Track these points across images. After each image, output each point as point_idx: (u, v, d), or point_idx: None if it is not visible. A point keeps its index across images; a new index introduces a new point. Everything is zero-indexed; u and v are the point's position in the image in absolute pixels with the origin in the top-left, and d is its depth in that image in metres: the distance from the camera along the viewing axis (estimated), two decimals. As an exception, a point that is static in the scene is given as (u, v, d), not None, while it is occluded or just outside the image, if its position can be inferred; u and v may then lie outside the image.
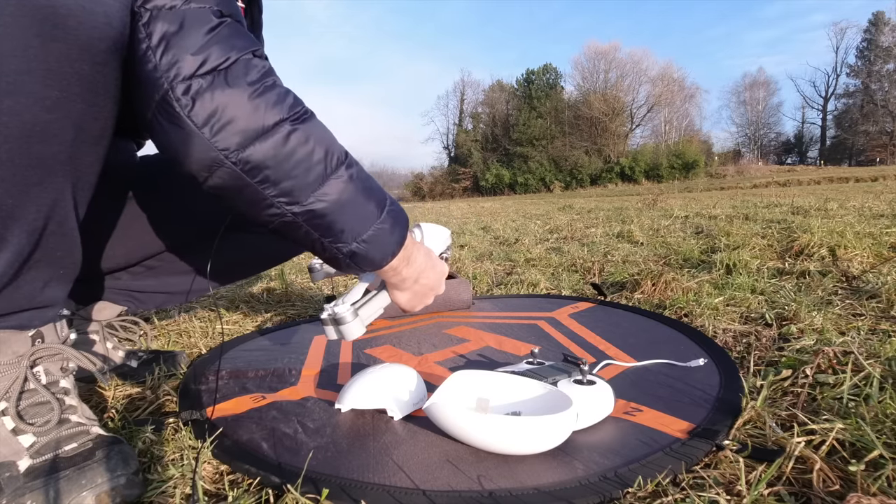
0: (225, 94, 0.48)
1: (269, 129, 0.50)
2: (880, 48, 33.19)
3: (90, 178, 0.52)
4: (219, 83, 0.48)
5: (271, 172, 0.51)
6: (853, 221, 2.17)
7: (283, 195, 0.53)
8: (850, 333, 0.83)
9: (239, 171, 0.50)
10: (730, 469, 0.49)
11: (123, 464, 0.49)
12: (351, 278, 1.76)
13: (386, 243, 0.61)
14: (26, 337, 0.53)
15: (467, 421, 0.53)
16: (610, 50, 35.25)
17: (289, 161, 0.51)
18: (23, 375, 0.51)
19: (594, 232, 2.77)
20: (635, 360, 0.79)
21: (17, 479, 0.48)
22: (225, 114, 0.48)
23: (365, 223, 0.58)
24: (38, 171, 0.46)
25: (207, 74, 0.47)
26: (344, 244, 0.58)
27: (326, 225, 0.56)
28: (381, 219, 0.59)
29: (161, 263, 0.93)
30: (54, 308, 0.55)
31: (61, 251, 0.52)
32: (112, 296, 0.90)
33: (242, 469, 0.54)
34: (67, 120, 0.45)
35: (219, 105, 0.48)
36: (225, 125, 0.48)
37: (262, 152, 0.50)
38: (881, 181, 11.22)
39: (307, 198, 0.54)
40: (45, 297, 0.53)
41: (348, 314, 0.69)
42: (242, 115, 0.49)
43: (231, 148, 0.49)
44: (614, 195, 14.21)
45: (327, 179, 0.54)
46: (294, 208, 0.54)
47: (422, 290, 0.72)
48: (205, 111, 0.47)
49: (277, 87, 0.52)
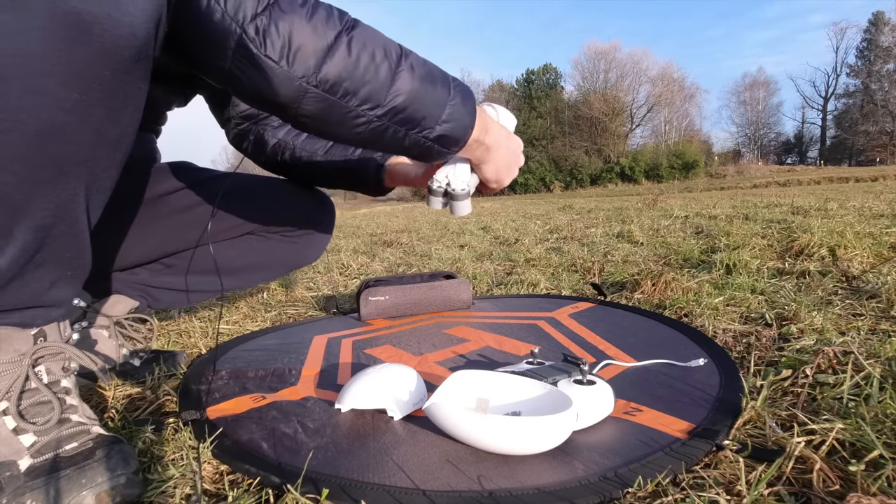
0: (287, 24, 0.50)
1: (333, 44, 0.52)
2: (880, 48, 33.18)
3: (106, 183, 0.53)
4: (278, 15, 0.50)
5: (349, 84, 0.53)
6: (853, 221, 2.17)
7: (364, 102, 0.55)
8: (850, 333, 0.83)
9: (321, 91, 0.53)
10: (730, 469, 0.49)
11: (123, 463, 0.49)
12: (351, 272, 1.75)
13: (462, 117, 0.63)
14: (28, 335, 0.52)
15: (467, 421, 0.53)
16: (610, 50, 35.25)
17: (358, 68, 0.53)
18: (24, 374, 0.51)
19: (594, 232, 2.77)
20: (635, 360, 0.79)
21: (18, 479, 0.48)
22: (293, 42, 0.50)
23: (440, 104, 0.60)
24: (51, 171, 0.46)
25: (265, 10, 0.49)
26: (429, 129, 0.61)
27: (409, 117, 0.58)
28: (451, 95, 0.61)
29: (179, 262, 0.95)
30: (59, 308, 0.55)
31: (70, 252, 0.52)
32: (128, 290, 0.92)
33: (242, 469, 0.54)
34: (85, 123, 0.46)
35: (286, 36, 0.50)
36: (297, 53, 0.50)
37: (335, 67, 0.52)
38: (881, 181, 11.21)
39: (385, 97, 0.56)
40: (51, 296, 0.53)
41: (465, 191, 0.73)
42: (308, 38, 0.51)
43: (309, 72, 0.51)
44: (614, 195, 14.21)
45: (396, 75, 0.56)
46: (377, 111, 0.56)
47: (506, 158, 0.73)
48: (277, 45, 0.49)
49: (322, 4, 0.54)
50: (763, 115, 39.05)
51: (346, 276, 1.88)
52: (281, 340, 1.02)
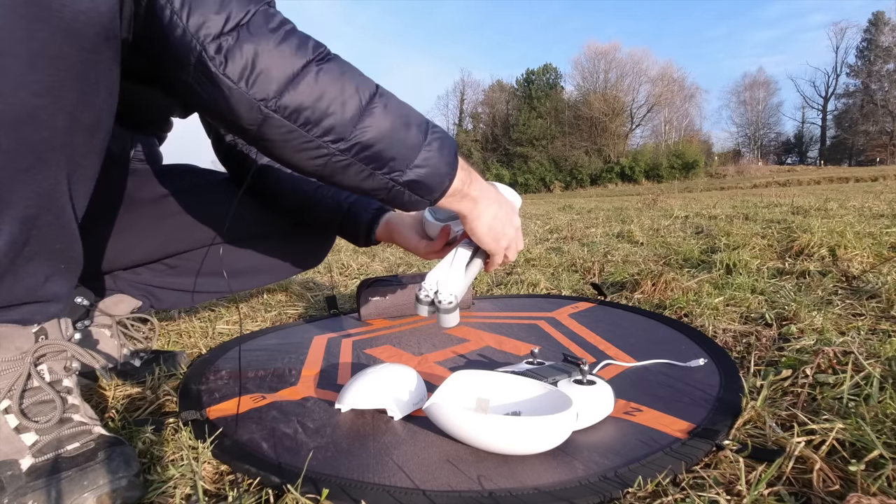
0: (253, 46, 0.49)
1: (300, 72, 0.51)
2: (880, 48, 33.19)
3: (87, 171, 0.52)
4: (245, 37, 0.49)
5: (310, 113, 0.52)
6: (853, 221, 2.17)
7: (326, 133, 0.54)
8: (850, 333, 0.83)
9: (280, 117, 0.52)
10: (730, 469, 0.49)
11: (125, 465, 0.49)
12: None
13: (438, 164, 0.61)
14: (30, 333, 0.52)
15: (467, 421, 0.53)
16: (610, 50, 35.26)
17: (324, 99, 0.52)
18: (26, 372, 0.51)
19: (594, 232, 2.77)
20: (635, 360, 0.79)
21: (20, 478, 0.48)
22: (257, 65, 0.49)
23: (414, 148, 0.59)
24: (28, 158, 0.46)
25: (233, 31, 0.49)
26: (399, 172, 0.59)
27: (376, 156, 0.57)
28: (427, 141, 0.59)
29: (183, 263, 0.95)
30: (57, 304, 0.54)
31: (60, 244, 0.52)
32: (131, 290, 0.92)
33: (242, 469, 0.54)
34: (58, 106, 0.45)
35: (249, 58, 0.49)
36: (258, 76, 0.50)
37: (299, 96, 0.51)
38: (881, 181, 11.22)
39: (350, 132, 0.54)
40: (47, 291, 0.52)
41: (452, 304, 0.70)
42: (272, 63, 0.50)
43: (269, 97, 0.50)
44: (614, 195, 14.21)
45: (366, 111, 0.55)
46: (340, 145, 0.55)
47: (498, 217, 0.70)
48: (238, 66, 0.49)
49: (298, 31, 0.53)
50: (763, 115, 39.09)
51: (346, 276, 1.88)
52: (281, 340, 1.02)
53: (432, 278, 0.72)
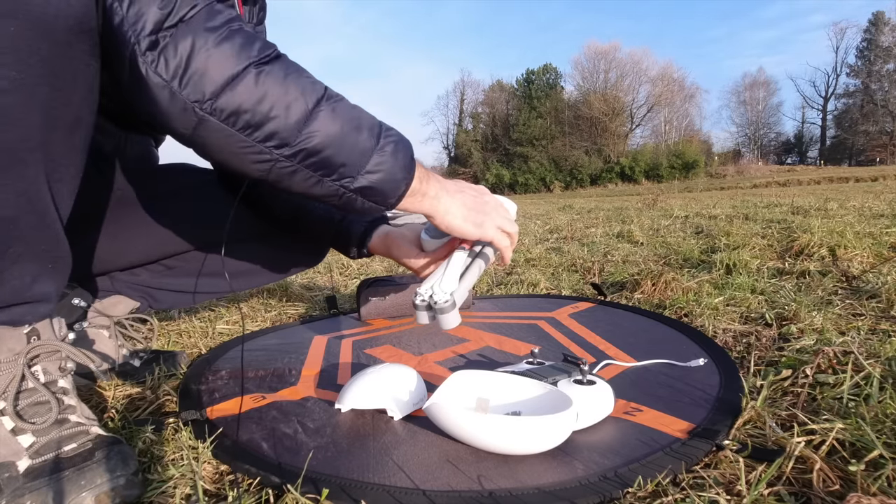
0: (188, 45, 0.46)
1: (239, 74, 0.48)
2: (880, 48, 33.19)
3: (70, 170, 0.51)
4: (182, 34, 0.47)
5: (250, 117, 0.49)
6: (853, 221, 2.17)
7: (268, 139, 0.51)
8: (850, 333, 0.83)
9: (217, 120, 0.49)
10: (730, 469, 0.49)
11: (123, 464, 0.49)
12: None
13: (392, 169, 0.58)
14: (21, 334, 0.52)
15: (467, 421, 0.53)
16: (610, 50, 35.27)
17: (265, 102, 0.50)
18: (20, 374, 0.51)
19: (594, 232, 2.77)
20: (635, 360, 0.79)
21: (17, 480, 0.48)
22: (192, 64, 0.47)
23: (365, 153, 0.56)
24: (3, 158, 0.44)
25: (171, 28, 0.46)
26: (349, 179, 0.56)
27: (323, 162, 0.54)
28: (380, 145, 0.57)
29: (181, 264, 0.94)
30: (47, 304, 0.54)
31: (45, 244, 0.51)
32: (129, 291, 0.91)
33: (242, 469, 0.54)
34: (31, 104, 0.44)
35: (183, 56, 0.46)
36: (193, 76, 0.47)
37: (236, 98, 0.48)
38: (881, 181, 11.22)
39: (295, 138, 0.52)
40: (36, 292, 0.52)
41: (448, 303, 0.68)
42: (210, 63, 0.47)
43: (204, 98, 0.48)
44: (614, 195, 14.21)
45: (311, 115, 0.52)
46: (284, 151, 0.52)
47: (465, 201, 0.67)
48: (171, 65, 0.46)
49: (242, 32, 0.50)
50: (763, 115, 39.10)
51: (346, 276, 1.87)
52: (281, 340, 1.02)
53: (427, 284, 0.71)
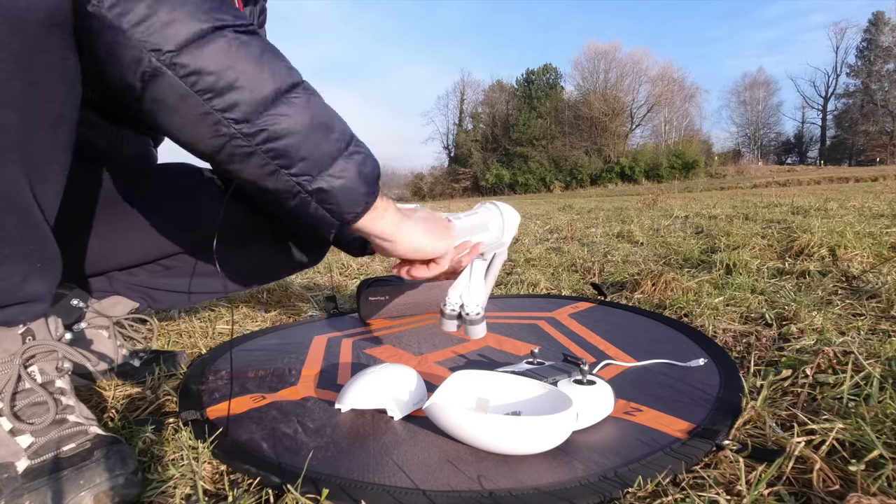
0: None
1: (212, 33, 0.46)
2: (880, 48, 33.20)
3: (54, 169, 0.50)
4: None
5: (214, 80, 0.46)
6: (853, 221, 2.17)
7: (229, 109, 0.47)
8: (850, 333, 0.83)
9: (175, 76, 0.45)
10: (730, 469, 0.49)
11: (122, 463, 0.49)
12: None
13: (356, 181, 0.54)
14: (16, 334, 0.52)
15: (467, 421, 0.53)
16: (610, 50, 35.28)
17: (234, 70, 0.46)
18: (16, 375, 0.51)
19: (594, 232, 2.77)
20: (635, 360, 0.79)
21: (16, 480, 0.48)
22: (159, 14, 0.44)
23: (330, 155, 0.52)
24: None
25: None
26: (308, 177, 0.52)
27: (284, 150, 0.50)
28: (348, 152, 0.54)
29: (179, 264, 0.94)
30: (40, 303, 0.53)
31: (32, 245, 0.50)
32: (127, 291, 0.91)
33: (242, 469, 0.54)
34: (4, 102, 0.42)
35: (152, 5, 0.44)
36: (161, 26, 0.44)
37: (203, 56, 0.45)
38: (881, 181, 11.22)
39: (259, 115, 0.48)
40: (27, 292, 0.51)
41: (479, 316, 0.70)
42: (181, 16, 0.44)
43: (164, 48, 0.44)
44: (614, 195, 14.21)
45: (283, 97, 0.49)
46: (244, 127, 0.48)
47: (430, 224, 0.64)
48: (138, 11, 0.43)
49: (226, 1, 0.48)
50: (763, 115, 39.11)
51: (346, 276, 1.87)
52: (281, 340, 1.02)
53: (455, 292, 0.72)
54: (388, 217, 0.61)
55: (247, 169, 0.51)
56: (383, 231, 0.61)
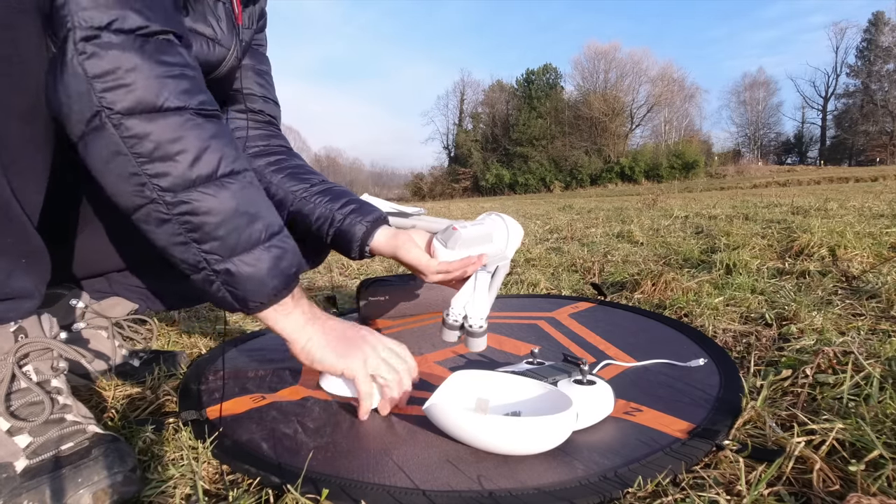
0: (134, 60, 0.45)
1: (168, 110, 0.47)
2: (880, 48, 33.21)
3: (30, 161, 0.49)
4: (132, 48, 0.45)
5: (153, 147, 0.47)
6: (853, 221, 2.17)
7: (158, 176, 0.48)
8: (850, 333, 0.83)
9: (116, 134, 0.46)
10: (730, 469, 0.49)
11: (120, 461, 0.49)
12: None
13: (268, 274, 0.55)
14: (8, 332, 0.51)
15: (467, 421, 0.53)
16: (610, 50, 35.29)
17: (175, 144, 0.48)
18: (9, 374, 0.50)
19: (594, 232, 2.77)
20: (635, 360, 0.79)
21: (14, 480, 0.48)
22: (125, 76, 0.45)
23: (247, 243, 0.54)
24: None
25: (122, 34, 0.45)
26: (218, 257, 0.53)
27: (200, 226, 0.51)
28: (267, 245, 0.55)
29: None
30: (29, 300, 0.53)
31: (11, 238, 0.49)
32: (126, 293, 0.91)
33: (242, 469, 0.54)
34: None
35: (122, 66, 0.45)
36: (120, 85, 0.45)
37: (150, 126, 0.47)
38: (881, 181, 11.22)
39: (186, 190, 0.49)
40: (13, 287, 0.50)
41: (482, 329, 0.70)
42: (144, 84, 0.46)
43: (115, 108, 0.45)
44: (614, 195, 14.22)
45: (214, 180, 0.51)
46: (167, 196, 0.49)
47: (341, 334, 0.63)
48: (104, 65, 0.44)
49: (195, 79, 0.50)
50: (763, 115, 39.12)
51: (346, 276, 1.87)
52: (281, 340, 1.02)
53: (459, 303, 0.72)
54: (293, 319, 0.61)
55: (159, 234, 0.52)
56: (283, 330, 0.61)
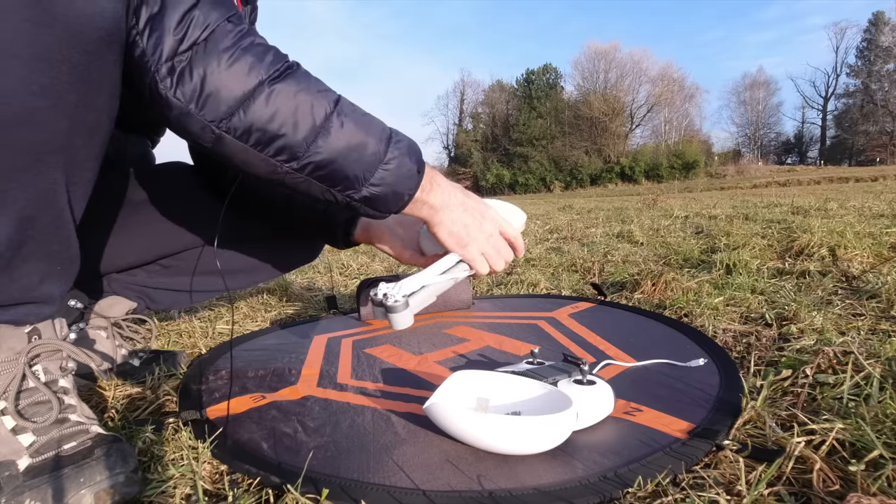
0: (202, 68, 0.49)
1: (250, 94, 0.51)
2: (880, 48, 33.20)
3: (87, 174, 0.52)
4: (197, 58, 0.49)
5: (261, 135, 0.53)
6: (853, 221, 2.17)
7: (278, 154, 0.55)
8: (850, 333, 0.83)
9: (232, 137, 0.53)
10: (730, 469, 0.49)
11: (122, 462, 0.49)
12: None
13: (396, 181, 0.61)
14: (23, 333, 0.52)
15: (467, 421, 0.53)
16: (610, 50, 35.28)
17: (275, 121, 0.53)
18: (20, 373, 0.51)
19: (594, 232, 2.77)
20: (635, 360, 0.79)
21: (17, 478, 0.48)
22: (206, 87, 0.50)
23: (370, 166, 0.59)
24: (27, 158, 0.45)
25: (186, 52, 0.49)
26: (353, 191, 0.59)
27: (329, 175, 0.57)
28: (386, 159, 0.59)
29: (177, 263, 0.94)
30: (51, 305, 0.54)
31: (57, 245, 0.52)
32: (125, 292, 0.91)
33: (242, 469, 0.54)
34: (59, 108, 0.45)
35: (198, 80, 0.49)
36: (208, 98, 0.50)
37: (248, 118, 0.52)
38: (881, 181, 11.22)
39: (303, 153, 0.55)
40: (42, 292, 0.52)
41: (398, 304, 0.69)
42: (222, 85, 0.50)
43: (218, 118, 0.51)
44: (614, 195, 14.22)
45: (319, 131, 0.55)
46: (293, 164, 0.56)
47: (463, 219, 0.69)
48: (188, 89, 0.49)
49: (254, 48, 0.52)
50: (763, 115, 39.12)
51: (346, 276, 1.87)
52: (281, 340, 1.02)
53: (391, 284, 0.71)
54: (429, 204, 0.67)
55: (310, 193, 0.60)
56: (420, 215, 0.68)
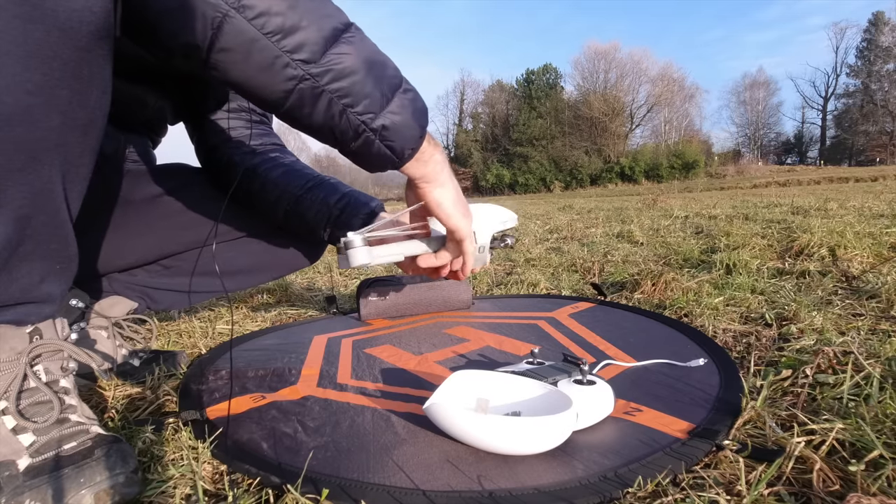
0: None
1: None
2: (880, 48, 33.20)
3: (81, 171, 0.52)
4: None
5: (282, 20, 0.48)
6: (853, 221, 2.17)
7: (297, 49, 0.49)
8: (850, 333, 0.83)
9: (243, 19, 0.47)
10: (730, 469, 0.49)
11: (122, 462, 0.49)
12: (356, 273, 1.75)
13: (412, 116, 0.57)
14: (24, 333, 0.52)
15: (467, 421, 0.53)
16: (610, 50, 35.28)
17: (297, 9, 0.48)
18: (21, 373, 0.51)
19: (594, 232, 2.77)
20: (635, 360, 0.79)
21: (17, 478, 0.48)
22: None
23: (390, 89, 0.55)
24: (22, 156, 0.45)
25: None
26: (371, 115, 0.54)
27: (349, 89, 0.52)
28: (402, 89, 0.56)
29: (178, 263, 0.94)
30: (51, 304, 0.54)
31: (55, 244, 0.51)
32: (126, 292, 0.91)
33: (242, 469, 0.54)
34: (51, 105, 0.45)
35: None
36: None
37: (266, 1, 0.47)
38: (881, 181, 11.23)
39: (323, 55, 0.50)
40: (42, 292, 0.52)
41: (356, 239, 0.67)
42: None
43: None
44: (614, 195, 14.22)
45: (341, 37, 0.51)
46: (311, 67, 0.50)
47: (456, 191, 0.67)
48: None
49: None
50: (763, 115, 39.11)
51: (346, 276, 1.87)
52: (281, 340, 1.02)
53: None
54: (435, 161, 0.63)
55: (316, 112, 0.53)
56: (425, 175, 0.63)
